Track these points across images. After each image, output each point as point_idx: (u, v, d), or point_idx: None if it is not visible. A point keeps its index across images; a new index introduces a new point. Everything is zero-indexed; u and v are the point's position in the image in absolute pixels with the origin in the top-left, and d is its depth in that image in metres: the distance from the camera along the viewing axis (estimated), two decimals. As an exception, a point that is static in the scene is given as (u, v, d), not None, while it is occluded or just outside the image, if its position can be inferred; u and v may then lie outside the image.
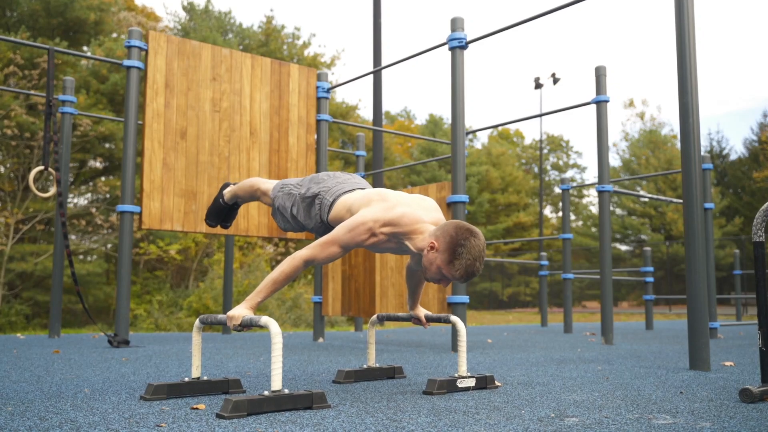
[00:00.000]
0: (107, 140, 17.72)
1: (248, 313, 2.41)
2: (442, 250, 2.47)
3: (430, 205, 2.70)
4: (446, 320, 2.92)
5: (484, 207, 35.26)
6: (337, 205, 2.76)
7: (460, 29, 5.08)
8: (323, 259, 2.52)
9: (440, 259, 2.47)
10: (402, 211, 2.56)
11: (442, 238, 2.48)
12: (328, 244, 2.49)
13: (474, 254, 2.45)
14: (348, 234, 2.49)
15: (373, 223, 2.51)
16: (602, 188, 6.08)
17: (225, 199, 3.41)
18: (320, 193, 2.82)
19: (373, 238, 2.53)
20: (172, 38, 5.41)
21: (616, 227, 34.29)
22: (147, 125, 5.21)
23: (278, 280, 2.47)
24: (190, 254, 19.15)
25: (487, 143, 43.35)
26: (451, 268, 2.46)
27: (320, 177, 2.93)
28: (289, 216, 2.97)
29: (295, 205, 2.92)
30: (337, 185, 2.84)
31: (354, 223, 2.51)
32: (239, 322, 2.37)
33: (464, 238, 2.45)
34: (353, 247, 2.54)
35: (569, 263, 8.10)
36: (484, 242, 2.49)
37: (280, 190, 2.99)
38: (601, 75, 6.10)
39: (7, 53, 16.11)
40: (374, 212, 2.54)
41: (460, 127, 5.03)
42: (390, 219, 2.53)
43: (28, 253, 15.97)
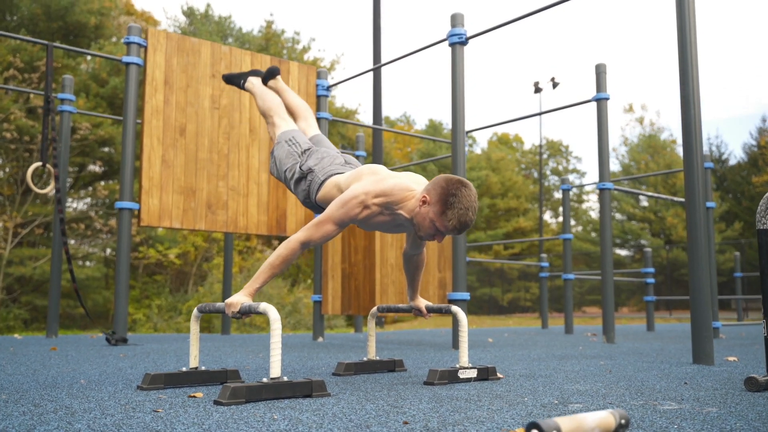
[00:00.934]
0: (106, 144, 17.70)
1: (247, 300, 2.38)
2: (433, 202, 2.45)
3: (420, 179, 2.71)
4: (447, 311, 2.88)
5: (484, 212, 35.23)
6: (327, 185, 2.79)
7: (460, 25, 5.06)
8: (319, 238, 2.51)
9: (432, 212, 2.45)
10: (393, 182, 2.56)
11: (433, 191, 2.46)
12: (323, 223, 2.49)
13: (466, 204, 2.42)
14: (341, 209, 2.49)
15: (365, 195, 2.50)
16: (603, 186, 6.05)
17: (245, 86, 3.53)
18: (313, 171, 2.83)
19: (366, 210, 2.52)
20: (172, 35, 5.39)
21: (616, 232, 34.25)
22: (146, 122, 5.18)
23: (276, 264, 2.45)
24: (189, 258, 19.12)
25: (487, 148, 43.34)
26: (444, 219, 2.44)
27: (321, 154, 2.93)
28: (282, 173, 3.01)
29: (290, 170, 2.96)
30: (331, 165, 2.84)
31: (346, 197, 2.50)
32: (238, 309, 2.34)
33: (455, 188, 2.43)
34: (348, 222, 2.53)
35: (570, 264, 8.06)
36: (475, 193, 2.47)
37: (286, 143, 3.02)
38: (602, 72, 6.08)
39: (6, 56, 16.11)
40: (365, 185, 2.54)
41: (460, 123, 5.01)
42: (382, 190, 2.53)
43: (27, 257, 15.92)
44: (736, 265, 11.67)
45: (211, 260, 19.16)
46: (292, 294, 18.14)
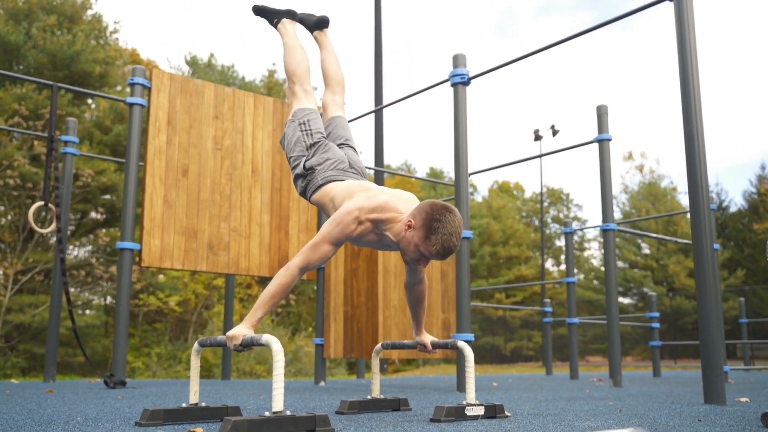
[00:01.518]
0: (108, 191, 17.73)
1: (249, 332, 2.32)
2: (418, 227, 2.46)
3: (410, 197, 2.74)
4: (453, 346, 2.82)
5: (485, 260, 35.13)
6: (322, 190, 2.82)
7: (462, 65, 5.09)
8: (317, 261, 2.50)
9: (417, 236, 2.46)
10: (385, 198, 2.59)
11: (418, 216, 2.48)
12: (319, 245, 2.48)
13: (450, 229, 2.43)
14: (337, 228, 2.50)
15: (358, 211, 2.52)
16: (607, 227, 6.02)
17: (276, 26, 3.36)
18: (314, 170, 2.84)
19: (360, 226, 2.54)
20: (176, 76, 5.42)
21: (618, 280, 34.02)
22: (149, 162, 5.17)
23: (276, 293, 2.41)
24: (189, 306, 18.98)
25: (488, 196, 43.46)
26: (428, 244, 2.45)
27: (326, 153, 2.93)
28: (287, 156, 3.01)
29: (295, 161, 2.96)
30: (333, 170, 2.85)
31: (340, 215, 2.52)
32: (240, 341, 2.29)
33: (440, 213, 2.44)
34: (343, 241, 2.54)
35: (574, 308, 7.98)
36: (460, 219, 2.48)
37: (300, 124, 3.01)
38: (603, 114, 6.11)
39: (12, 104, 16.24)
40: (358, 201, 2.56)
41: (463, 162, 5.00)
42: (375, 205, 2.55)
43: (27, 304, 15.80)
44: (741, 311, 11.55)
45: (211, 308, 19.02)
46: (293, 342, 17.95)
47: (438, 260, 2.54)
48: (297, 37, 3.31)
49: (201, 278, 18.43)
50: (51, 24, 17.80)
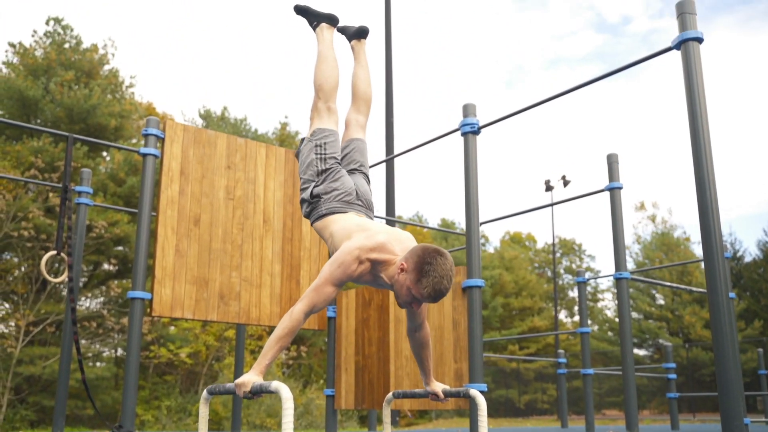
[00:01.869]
0: (121, 243, 17.83)
1: (258, 379, 2.30)
2: (410, 270, 2.52)
3: (405, 237, 2.81)
4: (465, 394, 2.78)
5: (498, 311, 34.84)
6: (324, 221, 2.88)
7: (472, 115, 5.13)
8: (322, 303, 2.56)
9: (409, 279, 2.52)
10: (383, 238, 2.66)
11: (410, 260, 2.54)
12: (322, 287, 2.54)
13: (441, 272, 2.48)
14: (339, 269, 2.56)
15: (359, 251, 2.59)
16: (620, 275, 5.97)
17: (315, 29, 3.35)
18: (320, 199, 2.88)
19: (361, 266, 2.60)
20: (189, 127, 5.50)
21: (633, 331, 33.61)
22: (161, 212, 5.21)
23: (282, 338, 2.41)
24: (200, 358, 18.86)
25: (500, 247, 43.35)
26: (419, 287, 2.49)
27: (335, 183, 2.96)
28: (300, 174, 3.07)
29: (304, 184, 3.02)
30: (339, 202, 2.89)
31: (341, 256, 2.58)
32: (249, 389, 2.26)
33: (431, 257, 2.50)
34: (345, 281, 2.60)
35: (588, 358, 7.87)
36: (452, 262, 2.53)
37: (315, 147, 3.05)
38: (614, 162, 6.12)
39: (28, 157, 16.48)
40: (357, 242, 2.62)
41: (474, 211, 5.00)
42: (374, 245, 2.62)
43: (37, 356, 15.76)
44: (759, 362, 11.36)
45: (222, 360, 18.89)
46: (304, 395, 17.75)
47: (430, 303, 2.58)
48: (332, 48, 3.29)
49: (212, 330, 18.36)
50: (69, 79, 18.17)
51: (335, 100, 3.20)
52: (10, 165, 16.37)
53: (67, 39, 19.58)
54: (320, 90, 3.16)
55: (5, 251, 17.19)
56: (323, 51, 3.26)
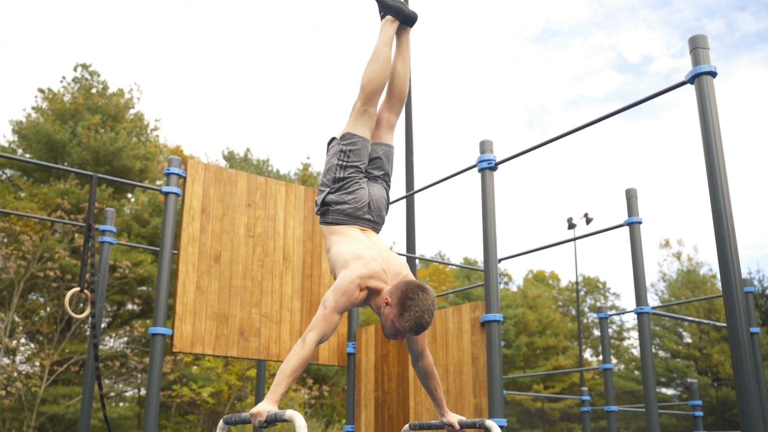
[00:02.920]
0: (145, 283, 17.99)
1: (272, 408, 2.34)
2: (394, 305, 2.65)
3: (398, 266, 2.91)
4: (481, 425, 2.78)
5: (522, 350, 34.46)
6: (329, 228, 3.02)
7: (489, 151, 5.18)
8: (331, 331, 2.68)
9: (393, 313, 2.65)
10: (377, 267, 2.81)
11: (394, 294, 2.68)
12: (330, 315, 2.68)
13: (422, 307, 2.60)
14: (343, 297, 2.70)
15: (360, 279, 2.74)
16: (641, 310, 5.94)
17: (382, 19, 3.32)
18: (330, 209, 2.99)
19: (362, 293, 2.75)
20: (210, 166, 5.61)
21: (660, 370, 33.07)
22: (182, 249, 5.29)
23: (296, 367, 2.48)
24: (222, 398, 18.83)
25: (523, 286, 43.05)
26: (402, 320, 2.63)
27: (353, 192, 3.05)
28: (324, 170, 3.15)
29: (321, 186, 3.15)
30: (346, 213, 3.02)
31: (344, 285, 2.71)
32: (264, 418, 2.30)
33: (413, 292, 2.63)
34: (349, 308, 2.74)
35: (612, 396, 7.77)
36: (433, 297, 2.65)
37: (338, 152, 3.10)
38: (632, 197, 6.13)
39: (55, 199, 16.79)
40: (357, 270, 2.75)
41: (492, 247, 5.02)
42: (371, 272, 2.77)
43: (61, 395, 15.84)
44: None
45: (244, 399, 18.86)
46: (327, 435, 17.64)
47: (412, 335, 2.72)
48: (389, 46, 3.25)
49: (234, 369, 18.36)
50: (95, 123, 18.57)
51: (375, 104, 3.17)
52: (38, 207, 16.68)
53: (94, 84, 20.07)
54: (363, 89, 3.13)
55: (31, 291, 17.41)
56: (378, 48, 3.21)
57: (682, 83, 4.12)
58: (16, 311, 16.46)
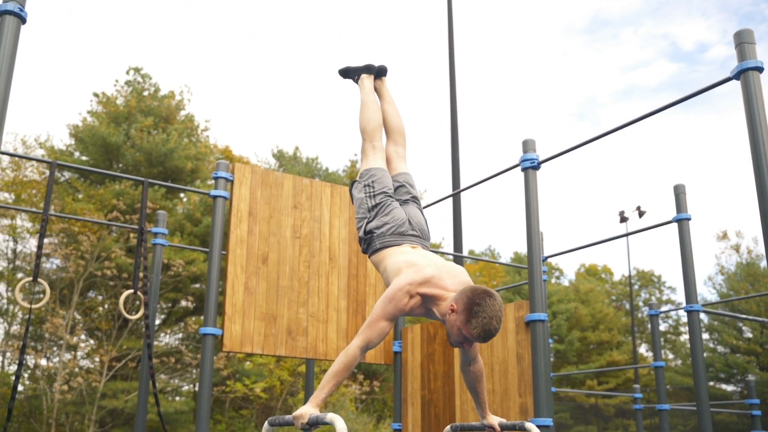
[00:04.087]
0: (198, 280, 18.38)
1: (314, 411, 2.41)
2: (460, 311, 2.59)
3: (458, 271, 2.84)
4: (521, 427, 2.81)
5: (574, 345, 34.07)
6: (379, 255, 3.04)
7: (531, 150, 5.18)
8: (377, 338, 2.68)
9: (459, 320, 2.60)
10: (432, 272, 2.76)
11: (460, 300, 2.61)
12: (376, 322, 2.64)
13: (490, 313, 2.54)
14: (390, 304, 2.67)
15: (409, 286, 2.70)
16: (691, 308, 5.86)
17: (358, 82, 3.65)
18: (373, 235, 2.98)
19: (412, 300, 2.71)
20: (257, 169, 5.72)
21: (719, 365, 32.32)
22: (230, 251, 5.42)
23: (339, 371, 2.52)
24: (275, 393, 19.13)
25: (575, 280, 42.53)
26: (469, 327, 2.57)
27: (386, 216, 3.09)
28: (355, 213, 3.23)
29: (358, 223, 3.19)
30: (392, 235, 3.00)
31: (392, 293, 2.69)
32: (306, 420, 2.37)
33: (480, 298, 2.57)
34: (398, 315, 2.71)
35: (664, 393, 7.66)
36: (501, 303, 2.59)
37: (364, 186, 3.19)
38: (681, 193, 6.04)
39: (111, 200, 17.28)
40: (408, 277, 2.73)
41: (536, 246, 5.02)
42: (423, 278, 2.72)
43: (120, 390, 16.32)
44: None
45: (296, 395, 19.12)
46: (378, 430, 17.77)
47: (480, 342, 2.64)
48: (373, 93, 3.58)
49: (286, 365, 18.63)
50: (148, 125, 19.02)
51: (379, 139, 3.42)
52: (95, 208, 17.18)
53: (146, 87, 20.55)
54: (364, 132, 3.41)
55: (90, 290, 17.97)
56: (364, 98, 3.54)
57: (728, 79, 4.05)
58: (76, 309, 17.00)
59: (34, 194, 18.02)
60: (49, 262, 17.02)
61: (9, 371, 17.54)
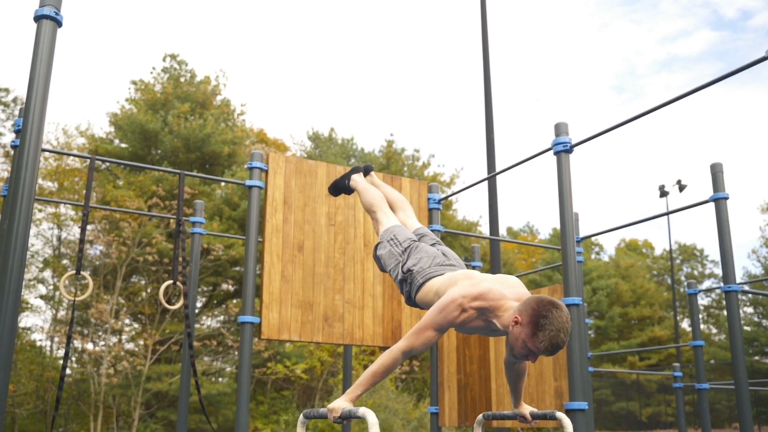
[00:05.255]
0: (238, 264, 18.64)
1: (348, 406, 2.46)
2: (525, 323, 2.47)
3: (514, 281, 2.73)
4: (551, 416, 2.84)
5: (615, 321, 33.82)
6: (424, 288, 2.86)
7: (564, 134, 5.14)
8: (420, 346, 2.57)
9: (524, 333, 2.47)
10: (488, 286, 2.63)
11: (525, 312, 2.49)
12: (423, 330, 2.56)
13: (557, 325, 2.43)
14: (440, 315, 2.55)
15: (462, 298, 2.57)
16: (728, 288, 5.79)
17: (350, 184, 3.77)
18: (412, 271, 2.92)
19: (464, 314, 2.58)
20: (290, 158, 5.79)
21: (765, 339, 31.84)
22: (267, 240, 5.51)
23: (378, 372, 2.54)
24: (315, 374, 19.38)
25: (615, 255, 42.09)
26: (535, 341, 2.45)
27: (420, 253, 3.02)
28: (387, 270, 3.17)
29: (393, 271, 3.10)
30: (430, 267, 2.92)
31: (444, 302, 2.58)
32: (339, 414, 2.43)
33: (547, 310, 2.44)
34: (447, 327, 2.59)
35: (703, 372, 7.61)
36: (567, 314, 2.47)
37: (388, 242, 3.14)
38: (718, 172, 5.95)
39: (151, 186, 17.58)
40: (462, 289, 2.61)
41: (569, 229, 5.01)
42: (478, 293, 2.59)
43: (164, 373, 16.70)
44: None
45: (336, 375, 19.35)
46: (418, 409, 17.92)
47: (546, 356, 2.53)
48: (366, 182, 3.72)
49: (326, 346, 18.85)
50: (185, 111, 19.25)
51: (388, 207, 3.48)
52: (135, 194, 17.50)
53: (182, 73, 20.77)
54: (371, 207, 3.48)
55: (132, 275, 18.36)
56: (362, 187, 3.66)
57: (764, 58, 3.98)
58: (119, 294, 17.40)
59: (76, 182, 18.42)
60: (93, 249, 17.41)
61: (57, 355, 18.07)
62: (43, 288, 18.58)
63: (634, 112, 4.99)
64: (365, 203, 3.53)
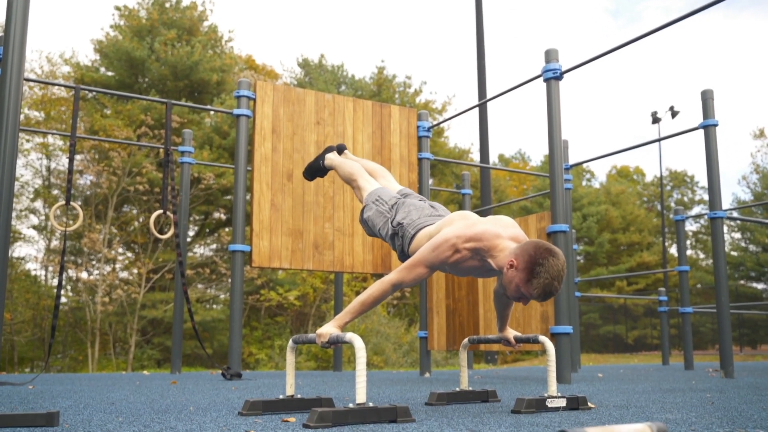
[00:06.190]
0: (229, 192, 18.65)
1: (335, 331, 2.52)
2: (520, 269, 2.46)
3: (509, 222, 2.72)
4: (534, 340, 2.92)
5: (604, 247, 34.22)
6: (418, 237, 2.85)
7: (554, 60, 5.11)
8: (411, 281, 2.60)
9: (519, 278, 2.46)
10: (483, 227, 2.60)
11: (521, 257, 2.47)
12: (414, 266, 2.57)
13: (552, 274, 2.42)
14: (433, 253, 2.55)
15: (456, 239, 2.55)
16: (714, 215, 5.86)
17: (325, 164, 3.71)
18: (402, 225, 2.91)
19: (457, 254, 2.56)
20: (278, 86, 5.73)
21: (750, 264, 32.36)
22: (255, 169, 5.51)
23: (366, 302, 2.58)
24: (308, 300, 19.67)
25: (606, 182, 42.26)
26: (529, 287, 2.45)
27: (408, 206, 3.01)
28: (376, 232, 3.13)
29: (383, 229, 3.05)
30: (420, 218, 2.91)
31: (438, 241, 2.57)
32: (327, 339, 2.49)
33: (543, 257, 2.43)
34: (438, 265, 2.59)
35: (687, 297, 7.77)
36: (563, 262, 2.45)
37: (373, 203, 3.13)
38: (708, 99, 5.94)
39: (139, 115, 17.41)
40: (456, 229, 2.60)
41: (557, 157, 5.03)
42: (473, 234, 2.57)
43: (158, 300, 16.92)
44: None
45: (329, 301, 19.63)
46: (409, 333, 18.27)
47: (538, 301, 2.51)
48: (340, 157, 3.69)
49: (318, 273, 19.07)
50: (171, 38, 18.89)
51: (367, 174, 3.43)
52: (123, 123, 17.35)
53: (167, -2, 20.29)
54: (351, 175, 3.42)
55: (124, 205, 18.37)
56: (337, 161, 3.61)
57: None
58: (112, 223, 17.44)
59: (63, 111, 18.20)
60: (83, 179, 17.36)
61: (52, 284, 18.24)
62: (35, 218, 18.62)
63: (629, 37, 4.94)
64: (344, 175, 3.50)
